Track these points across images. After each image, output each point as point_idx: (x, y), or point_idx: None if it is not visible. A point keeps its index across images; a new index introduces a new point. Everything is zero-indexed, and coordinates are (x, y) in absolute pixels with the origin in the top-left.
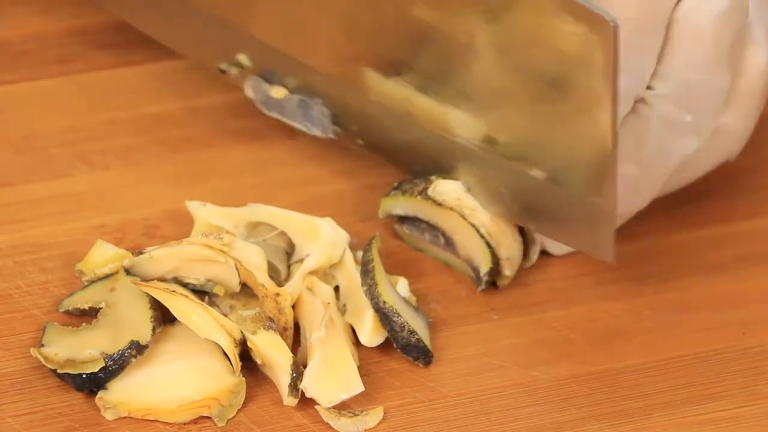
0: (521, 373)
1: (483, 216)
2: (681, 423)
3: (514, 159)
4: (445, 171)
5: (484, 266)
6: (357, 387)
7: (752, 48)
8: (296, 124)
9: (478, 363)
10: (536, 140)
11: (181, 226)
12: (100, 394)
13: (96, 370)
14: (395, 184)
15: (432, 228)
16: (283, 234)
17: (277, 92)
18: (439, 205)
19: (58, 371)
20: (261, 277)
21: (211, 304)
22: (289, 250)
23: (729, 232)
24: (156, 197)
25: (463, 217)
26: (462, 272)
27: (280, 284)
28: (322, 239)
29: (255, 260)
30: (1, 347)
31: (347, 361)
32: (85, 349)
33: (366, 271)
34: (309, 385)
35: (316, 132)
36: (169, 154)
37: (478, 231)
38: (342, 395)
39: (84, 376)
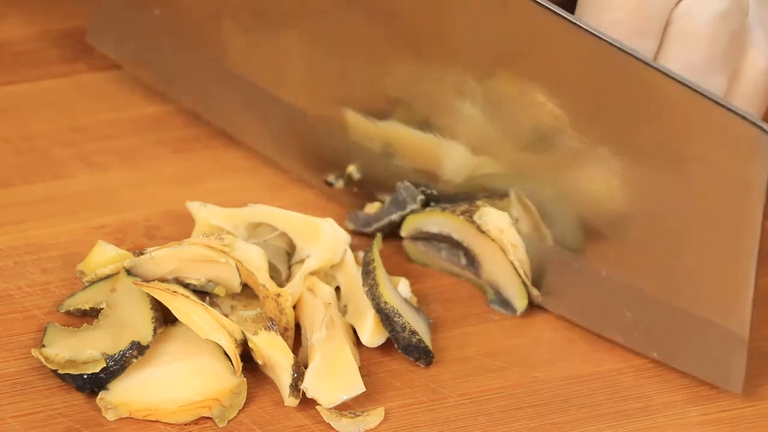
0: (522, 373)
1: (522, 254)
2: (682, 424)
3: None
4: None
5: (520, 302)
6: (358, 387)
7: (751, 51)
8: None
9: (478, 363)
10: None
11: (181, 227)
12: (101, 394)
13: (97, 370)
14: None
15: (453, 247)
16: (283, 234)
17: (371, 208)
18: (483, 232)
19: (59, 372)
20: (262, 278)
21: (212, 304)
22: (290, 251)
23: None
24: (157, 198)
25: (503, 251)
26: (476, 287)
27: (281, 285)
28: (323, 240)
29: (256, 261)
30: (2, 348)
31: (348, 362)
32: (86, 349)
33: (367, 271)
34: (310, 385)
35: None
36: (169, 154)
37: (515, 269)
38: (343, 396)
39: (85, 376)
